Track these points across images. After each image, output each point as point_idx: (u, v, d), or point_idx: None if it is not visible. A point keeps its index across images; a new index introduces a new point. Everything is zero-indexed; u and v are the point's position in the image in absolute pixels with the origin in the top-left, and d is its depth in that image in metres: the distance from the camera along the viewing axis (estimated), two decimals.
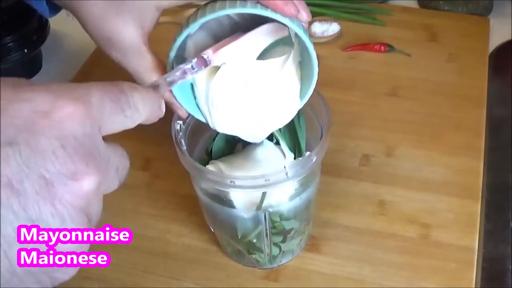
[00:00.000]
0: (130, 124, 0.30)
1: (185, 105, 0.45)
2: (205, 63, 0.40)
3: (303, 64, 0.45)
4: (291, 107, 0.46)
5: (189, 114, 0.46)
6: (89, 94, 0.28)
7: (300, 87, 0.46)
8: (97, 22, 0.46)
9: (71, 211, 0.26)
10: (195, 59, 0.39)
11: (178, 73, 0.37)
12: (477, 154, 0.63)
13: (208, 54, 0.40)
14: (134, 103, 0.30)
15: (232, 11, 0.39)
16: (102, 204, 0.29)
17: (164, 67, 0.46)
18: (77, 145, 0.26)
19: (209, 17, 0.39)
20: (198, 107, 0.46)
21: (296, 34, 0.43)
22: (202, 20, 0.40)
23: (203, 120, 0.46)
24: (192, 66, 0.38)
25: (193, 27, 0.41)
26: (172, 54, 0.42)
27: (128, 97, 0.30)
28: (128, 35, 0.46)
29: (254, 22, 0.43)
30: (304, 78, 0.45)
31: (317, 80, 0.43)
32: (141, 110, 0.31)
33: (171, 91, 0.44)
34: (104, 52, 0.48)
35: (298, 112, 0.50)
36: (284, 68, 0.44)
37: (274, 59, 0.44)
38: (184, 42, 0.43)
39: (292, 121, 0.51)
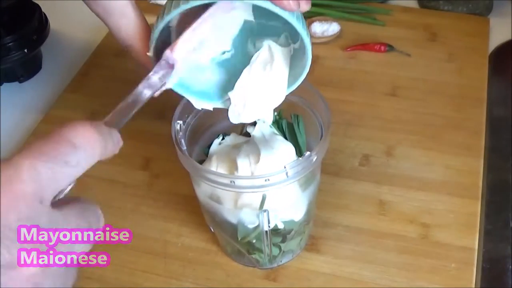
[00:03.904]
0: (82, 169, 0.29)
1: (189, 96, 0.44)
2: (170, 65, 0.39)
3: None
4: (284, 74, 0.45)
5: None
6: (18, 170, 0.27)
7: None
8: None
9: None
10: (156, 68, 0.38)
11: (143, 88, 0.36)
12: (477, 154, 0.63)
13: (167, 55, 0.39)
14: (79, 146, 0.28)
15: None
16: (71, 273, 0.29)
17: (149, 32, 0.43)
18: (12, 234, 0.26)
19: (195, 3, 0.37)
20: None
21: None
22: (185, 6, 0.37)
23: (219, 106, 0.45)
24: (156, 73, 0.38)
25: (175, 13, 0.38)
26: (155, 37, 0.40)
27: (70, 144, 0.28)
28: None
29: None
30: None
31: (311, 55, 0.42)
32: (90, 149, 0.29)
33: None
34: (86, 4, 0.46)
35: (297, 117, 0.50)
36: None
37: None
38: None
39: (291, 126, 0.51)
